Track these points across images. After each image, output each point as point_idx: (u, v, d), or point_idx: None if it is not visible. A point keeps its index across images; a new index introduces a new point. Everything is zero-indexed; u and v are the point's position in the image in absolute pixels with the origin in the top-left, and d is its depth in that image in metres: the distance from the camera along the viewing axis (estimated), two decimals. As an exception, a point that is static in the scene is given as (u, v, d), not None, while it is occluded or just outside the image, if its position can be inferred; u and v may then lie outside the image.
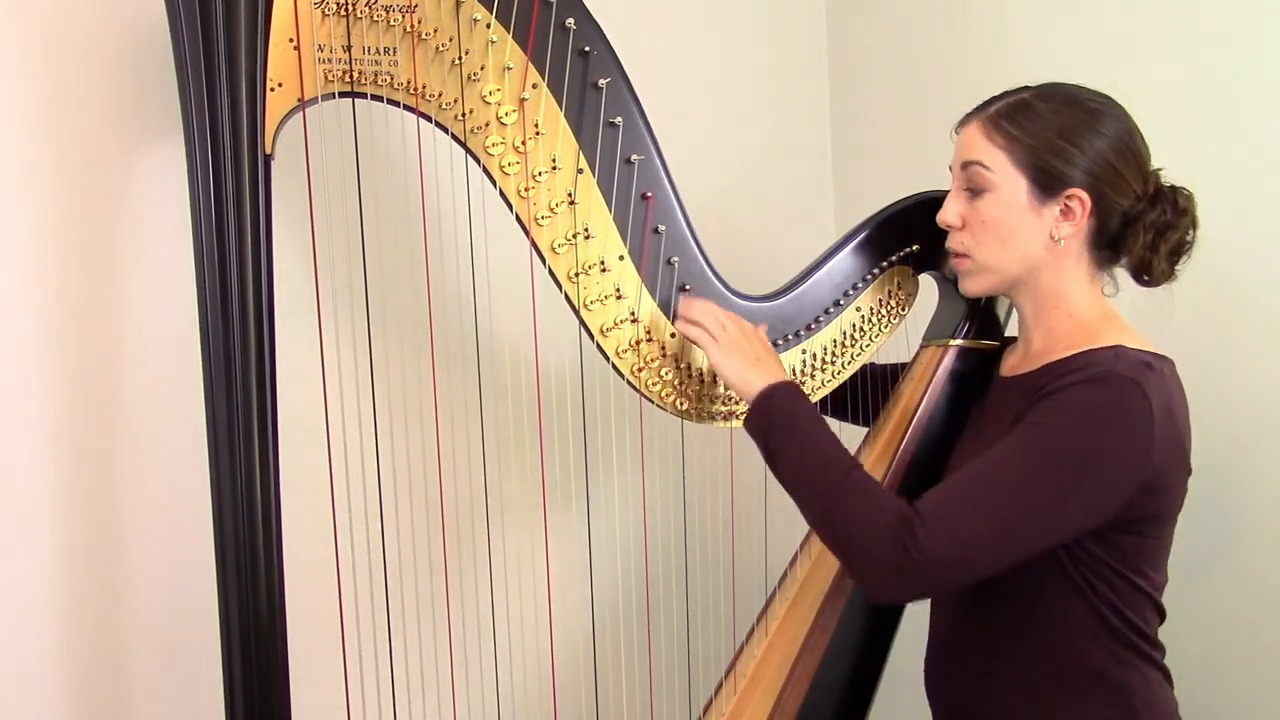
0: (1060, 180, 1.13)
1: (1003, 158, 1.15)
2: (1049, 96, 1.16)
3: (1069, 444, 1.06)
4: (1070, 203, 1.14)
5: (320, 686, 1.28)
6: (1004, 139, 1.15)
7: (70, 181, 1.26)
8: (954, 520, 1.06)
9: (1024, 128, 1.14)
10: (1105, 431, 1.05)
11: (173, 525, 1.33)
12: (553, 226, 1.22)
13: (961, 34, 1.82)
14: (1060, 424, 1.07)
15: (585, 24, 1.19)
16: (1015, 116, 1.15)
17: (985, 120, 1.17)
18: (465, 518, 1.52)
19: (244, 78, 1.07)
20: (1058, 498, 1.06)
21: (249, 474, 1.09)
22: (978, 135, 1.17)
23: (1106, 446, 1.05)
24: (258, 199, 1.09)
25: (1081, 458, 1.05)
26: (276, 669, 1.11)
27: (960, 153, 1.19)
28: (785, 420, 1.18)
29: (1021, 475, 1.06)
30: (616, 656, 1.62)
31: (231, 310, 1.08)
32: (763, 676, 1.29)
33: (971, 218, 1.18)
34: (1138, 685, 1.13)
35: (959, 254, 1.21)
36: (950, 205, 1.20)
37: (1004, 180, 1.15)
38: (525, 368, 1.50)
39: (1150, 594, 1.14)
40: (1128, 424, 1.05)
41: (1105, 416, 1.06)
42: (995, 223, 1.16)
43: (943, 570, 1.06)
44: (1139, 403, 1.05)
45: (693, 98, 1.88)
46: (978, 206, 1.17)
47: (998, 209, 1.16)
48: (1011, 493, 1.06)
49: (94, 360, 1.28)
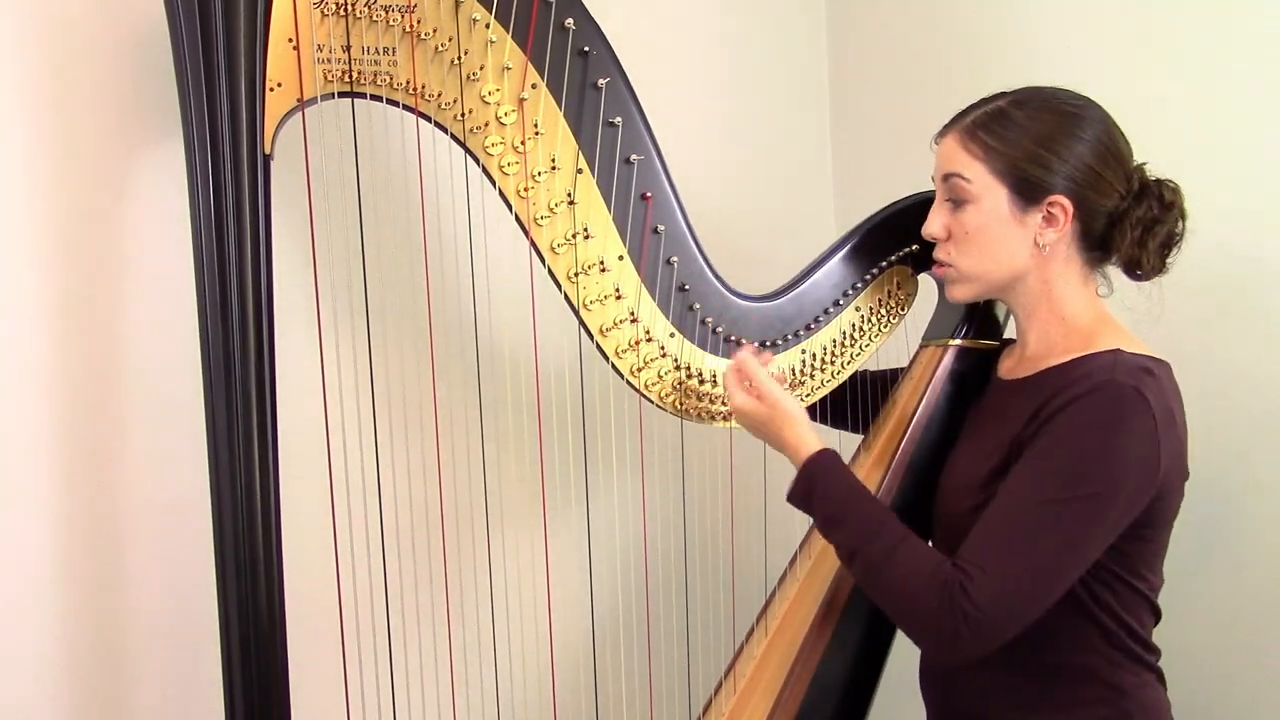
0: (1041, 188, 1.13)
1: (981, 169, 1.15)
2: (1025, 103, 1.15)
3: (1085, 465, 1.06)
4: (1053, 209, 1.14)
5: (320, 688, 1.28)
6: (981, 150, 1.15)
7: (70, 182, 1.26)
8: (1001, 576, 1.06)
9: (1001, 137, 1.14)
10: (1117, 444, 1.06)
11: (173, 526, 1.33)
12: (552, 226, 1.22)
13: (962, 34, 1.82)
14: (1072, 445, 1.07)
15: (584, 24, 1.19)
16: (992, 126, 1.15)
17: (962, 131, 1.17)
18: (465, 516, 1.52)
19: (243, 78, 1.07)
20: (1088, 523, 1.06)
21: (248, 474, 1.09)
22: (955, 147, 1.17)
23: (1120, 459, 1.06)
24: (257, 199, 1.09)
25: (1100, 476, 1.05)
26: (276, 671, 1.11)
27: (940, 165, 1.20)
28: (829, 495, 1.18)
29: (1051, 512, 1.06)
30: (616, 657, 1.62)
31: (231, 310, 1.08)
32: (762, 676, 1.29)
33: (955, 229, 1.18)
34: (1131, 687, 1.13)
35: (943, 264, 1.21)
36: (934, 218, 1.21)
37: (984, 191, 1.15)
38: (525, 368, 1.50)
39: (1147, 596, 1.14)
40: (1136, 433, 1.06)
41: (1114, 429, 1.06)
42: (978, 233, 1.16)
43: (1001, 625, 1.06)
44: (1143, 410, 1.06)
45: (692, 97, 1.88)
46: (960, 218, 1.17)
47: (980, 219, 1.16)
48: (1046, 532, 1.06)
49: (94, 360, 1.28)
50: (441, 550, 1.49)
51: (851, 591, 1.27)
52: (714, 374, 1.31)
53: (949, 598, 1.06)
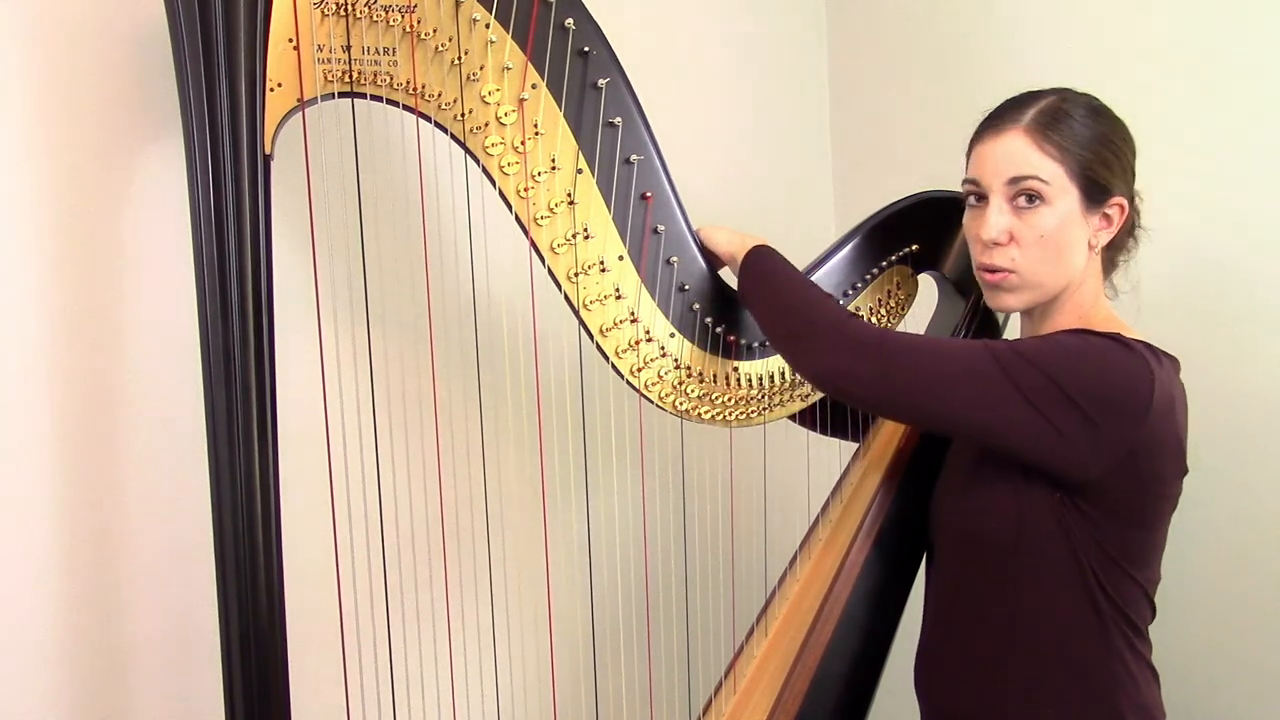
0: (1106, 189, 1.13)
1: (1058, 169, 1.11)
2: (1074, 102, 1.14)
3: (1065, 359, 1.06)
4: (1110, 210, 1.14)
5: (320, 687, 1.28)
6: (1056, 150, 1.11)
7: (70, 182, 1.26)
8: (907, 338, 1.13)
9: (1071, 138, 1.11)
10: (1104, 365, 1.06)
11: (173, 525, 1.33)
12: (552, 226, 1.22)
13: (962, 34, 1.82)
14: (1063, 344, 1.08)
15: (584, 24, 1.19)
16: (1059, 126, 1.12)
17: (1031, 131, 1.12)
18: (465, 516, 1.52)
19: (243, 78, 1.07)
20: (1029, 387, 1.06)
21: (248, 473, 1.09)
22: (1026, 147, 1.12)
23: (1101, 380, 1.05)
24: (257, 199, 1.09)
25: (1072, 375, 1.05)
26: (276, 669, 1.11)
27: (1005, 166, 1.13)
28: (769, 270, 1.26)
29: (1000, 352, 1.08)
30: (616, 656, 1.62)
31: (231, 310, 1.08)
32: (763, 676, 1.29)
33: (1023, 233, 1.13)
34: (1125, 683, 1.14)
35: (1001, 269, 1.14)
36: (995, 220, 1.13)
37: (1060, 193, 1.11)
38: (525, 368, 1.50)
39: (1145, 588, 1.14)
40: (1126, 370, 1.05)
41: (1107, 355, 1.06)
42: (1051, 236, 1.12)
43: (872, 352, 1.12)
44: (1141, 360, 1.06)
45: (692, 97, 1.88)
46: (1030, 221, 1.12)
47: (1055, 221, 1.12)
48: (984, 351, 1.09)
49: (94, 359, 1.28)
50: (441, 549, 1.49)
51: (851, 593, 1.27)
52: (714, 374, 1.31)
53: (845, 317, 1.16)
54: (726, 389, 1.32)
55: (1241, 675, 1.48)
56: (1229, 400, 1.46)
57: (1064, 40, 1.65)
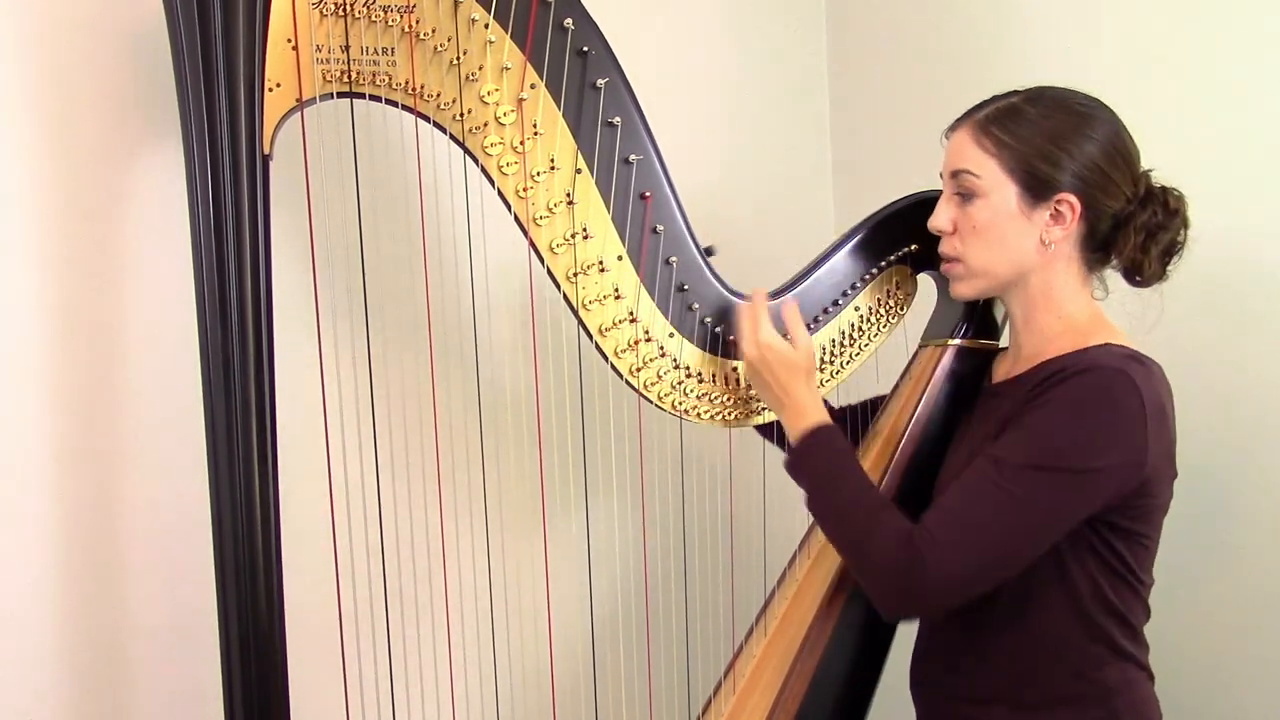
0: (1050, 185, 1.14)
1: (992, 164, 1.15)
2: (1037, 100, 1.16)
3: (1067, 440, 1.07)
4: (1060, 207, 1.14)
5: (320, 693, 1.28)
6: (993, 145, 1.15)
7: (68, 182, 1.26)
8: (962, 525, 1.08)
9: (1013, 133, 1.15)
10: (1101, 422, 1.06)
11: (173, 528, 1.33)
12: (551, 226, 1.22)
13: (962, 34, 1.82)
14: (1057, 419, 1.08)
15: (583, 24, 1.19)
16: (1004, 122, 1.15)
17: (974, 126, 1.18)
18: (464, 517, 1.51)
19: (242, 78, 1.07)
20: (1062, 496, 1.07)
21: (248, 475, 1.09)
22: (967, 141, 1.18)
23: (1103, 438, 1.06)
24: (256, 199, 1.09)
25: (1081, 451, 1.06)
26: (276, 673, 1.11)
27: (950, 159, 1.20)
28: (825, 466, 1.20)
29: (1026, 477, 1.07)
30: (616, 656, 1.62)
31: (230, 311, 1.08)
32: (762, 676, 1.29)
33: (962, 223, 1.19)
34: (1120, 685, 1.14)
35: (950, 258, 1.22)
36: (941, 211, 1.21)
37: (994, 186, 1.16)
38: (524, 368, 1.50)
39: (1139, 590, 1.15)
40: (1123, 415, 1.06)
41: (1100, 408, 1.07)
42: (985, 228, 1.17)
43: (952, 574, 1.08)
44: (1132, 394, 1.06)
45: (692, 97, 1.88)
46: (968, 212, 1.18)
47: (988, 214, 1.16)
48: (1018, 495, 1.07)
49: (93, 361, 1.28)
50: (440, 550, 1.49)
51: (851, 592, 1.27)
52: (713, 374, 1.30)
53: (906, 540, 1.08)
54: (726, 389, 1.32)
55: (1237, 675, 1.48)
56: (1229, 400, 1.46)
57: (1065, 40, 1.65)
